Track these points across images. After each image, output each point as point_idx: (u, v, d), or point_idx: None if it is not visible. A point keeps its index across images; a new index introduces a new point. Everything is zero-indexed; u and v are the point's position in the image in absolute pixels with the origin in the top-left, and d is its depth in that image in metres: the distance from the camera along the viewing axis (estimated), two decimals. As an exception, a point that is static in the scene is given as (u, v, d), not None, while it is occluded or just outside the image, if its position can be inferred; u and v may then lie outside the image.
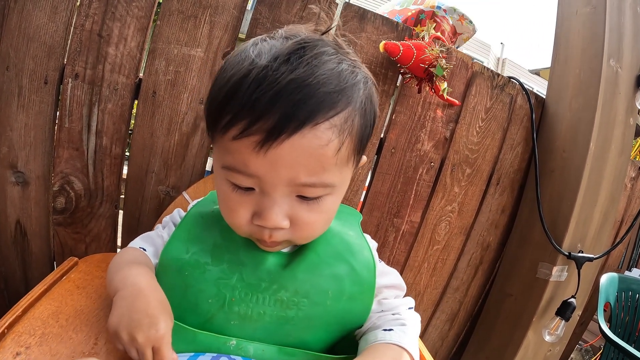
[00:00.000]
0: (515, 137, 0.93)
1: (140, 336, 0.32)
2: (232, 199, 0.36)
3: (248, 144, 0.31)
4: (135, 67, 0.70)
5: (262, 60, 0.32)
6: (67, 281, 0.49)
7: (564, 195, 0.90)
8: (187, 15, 0.68)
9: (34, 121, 0.71)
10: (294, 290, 0.40)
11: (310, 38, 0.34)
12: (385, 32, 0.73)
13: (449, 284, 0.98)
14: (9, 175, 0.73)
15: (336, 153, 0.33)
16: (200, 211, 0.45)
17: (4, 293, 0.86)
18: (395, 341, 0.38)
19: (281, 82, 0.30)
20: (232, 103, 0.32)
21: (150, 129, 0.71)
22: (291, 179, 0.33)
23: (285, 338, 0.41)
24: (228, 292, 0.39)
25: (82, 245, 0.79)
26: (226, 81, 0.33)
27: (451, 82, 0.80)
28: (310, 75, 0.31)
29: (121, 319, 0.34)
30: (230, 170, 0.34)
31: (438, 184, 0.87)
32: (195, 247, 0.42)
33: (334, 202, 0.37)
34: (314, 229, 0.38)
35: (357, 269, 0.42)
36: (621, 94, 0.91)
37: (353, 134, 0.34)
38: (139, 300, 0.35)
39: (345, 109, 0.33)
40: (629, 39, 0.93)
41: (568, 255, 0.90)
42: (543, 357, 1.02)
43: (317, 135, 0.31)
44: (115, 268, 0.41)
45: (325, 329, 0.42)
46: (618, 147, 0.94)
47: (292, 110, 0.30)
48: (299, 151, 0.31)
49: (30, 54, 0.68)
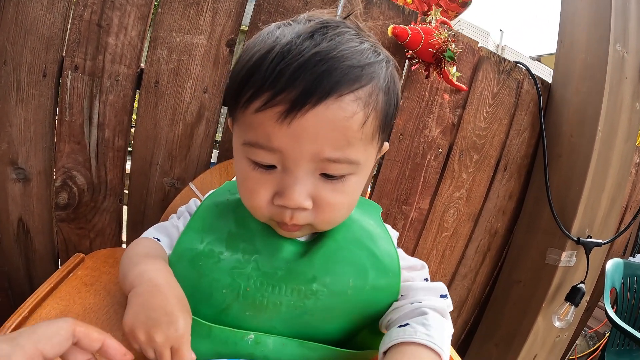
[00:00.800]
0: (522, 123, 0.94)
1: (158, 336, 0.32)
2: (252, 178, 0.35)
3: (272, 115, 0.31)
4: (137, 56, 0.69)
5: (285, 38, 0.32)
6: (74, 278, 0.49)
7: (572, 180, 0.92)
8: (189, 3, 0.68)
9: (33, 116, 0.70)
10: (312, 278, 0.39)
11: (333, 19, 0.35)
12: (391, 17, 0.73)
13: (457, 271, 0.99)
14: (9, 172, 0.73)
15: (361, 127, 0.33)
16: (215, 201, 0.45)
17: (7, 292, 0.86)
18: (409, 338, 0.35)
19: (305, 55, 0.31)
20: (255, 77, 0.32)
21: (153, 119, 0.71)
22: (315, 153, 0.32)
23: (304, 329, 0.40)
24: (243, 282, 0.39)
25: (87, 241, 0.80)
26: (249, 58, 0.33)
27: (458, 67, 0.80)
28: (334, 50, 0.31)
29: (137, 317, 0.33)
30: (252, 146, 0.34)
31: (446, 171, 0.88)
32: (210, 236, 0.41)
33: (358, 183, 0.37)
34: (337, 212, 0.37)
35: (380, 256, 0.42)
36: (627, 79, 0.92)
37: (378, 110, 0.34)
38: (157, 297, 0.34)
39: (370, 84, 0.33)
40: (635, 23, 0.93)
41: (577, 240, 0.91)
42: (552, 343, 1.04)
43: (342, 106, 0.31)
44: (130, 262, 0.40)
45: (346, 319, 0.41)
46: (624, 133, 0.95)
47: (316, 81, 0.30)
48: (323, 123, 0.31)
49: (28, 46, 0.67)
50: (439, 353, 0.34)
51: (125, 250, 0.44)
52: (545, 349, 1.03)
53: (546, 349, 1.03)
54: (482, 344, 1.06)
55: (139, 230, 0.78)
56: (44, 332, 0.27)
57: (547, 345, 1.03)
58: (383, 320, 0.41)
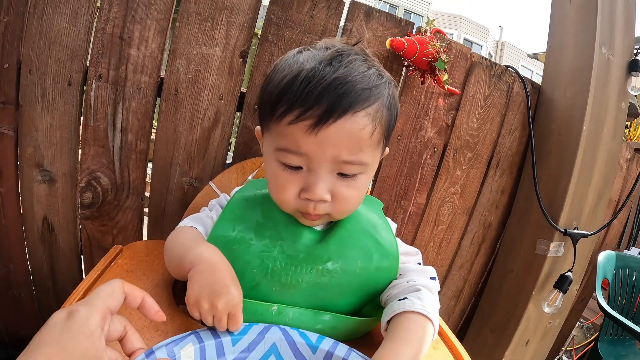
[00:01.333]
0: (512, 122, 1.01)
1: (220, 304, 0.40)
2: (282, 177, 0.44)
3: (302, 127, 0.40)
4: (157, 67, 0.76)
5: (309, 64, 0.41)
6: (115, 266, 0.56)
7: (560, 176, 0.99)
8: (204, 17, 0.75)
9: (59, 121, 0.77)
10: (328, 260, 0.48)
11: (345, 47, 0.44)
12: (389, 28, 0.81)
13: (454, 261, 1.07)
14: (35, 174, 0.80)
15: (370, 136, 0.42)
16: (244, 195, 0.53)
17: (31, 287, 0.93)
18: (408, 308, 0.45)
19: (327, 79, 0.40)
20: (287, 95, 0.41)
21: (173, 124, 0.79)
22: (335, 156, 0.42)
23: (320, 302, 0.49)
24: (270, 263, 0.47)
25: (109, 237, 0.87)
26: (280, 80, 0.42)
27: (451, 72, 0.88)
28: (349, 75, 0.41)
29: (202, 290, 0.41)
30: (283, 151, 0.43)
31: (441, 168, 0.96)
32: (240, 225, 0.49)
33: (366, 181, 0.46)
34: (350, 204, 0.46)
35: (382, 243, 0.51)
36: (613, 80, 0.99)
37: (382, 123, 0.44)
38: (216, 274, 0.42)
39: (376, 102, 0.42)
40: (621, 26, 1.01)
41: (564, 232, 0.99)
42: (544, 330, 1.12)
43: (356, 120, 0.41)
44: (183, 246, 0.47)
45: (354, 294, 0.50)
46: (610, 131, 1.02)
47: (337, 100, 0.40)
48: (342, 133, 0.40)
49: (53, 57, 0.73)
50: (431, 319, 0.44)
51: (170, 237, 0.51)
52: (538, 335, 1.11)
53: (538, 335, 1.11)
54: (479, 330, 1.14)
55: (159, 226, 0.86)
56: (106, 292, 0.34)
57: (539, 331, 1.11)
58: (383, 295, 0.51)
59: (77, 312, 0.31)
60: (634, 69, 1.00)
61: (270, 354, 0.44)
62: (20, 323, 0.98)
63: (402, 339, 0.42)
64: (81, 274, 0.92)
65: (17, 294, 0.93)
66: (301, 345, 0.45)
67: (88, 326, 0.31)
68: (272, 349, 0.44)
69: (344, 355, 0.44)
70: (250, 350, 0.43)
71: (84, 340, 0.30)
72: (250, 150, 0.82)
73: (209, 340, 0.41)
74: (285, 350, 0.44)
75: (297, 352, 0.44)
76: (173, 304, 0.50)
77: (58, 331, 0.30)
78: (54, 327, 0.30)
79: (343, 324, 0.48)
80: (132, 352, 0.36)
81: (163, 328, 0.45)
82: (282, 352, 0.44)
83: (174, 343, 0.40)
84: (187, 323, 0.47)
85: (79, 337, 0.30)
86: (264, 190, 0.53)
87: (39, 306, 0.95)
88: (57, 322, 0.31)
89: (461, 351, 0.52)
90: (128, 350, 0.36)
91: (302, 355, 0.44)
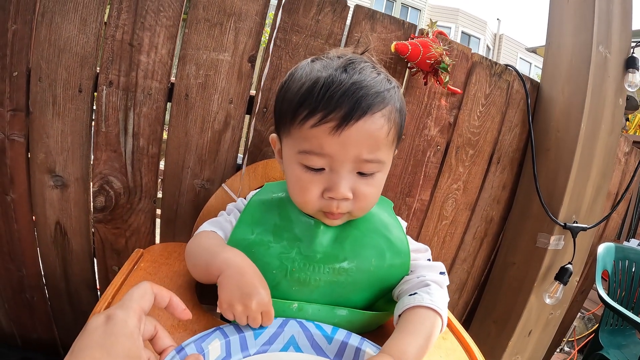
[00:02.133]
0: (513, 120, 1.06)
1: (253, 305, 0.43)
2: (305, 179, 0.47)
3: (325, 129, 0.44)
4: (167, 72, 0.79)
5: (325, 72, 0.45)
6: (138, 270, 0.59)
7: (559, 172, 1.03)
8: (213, 23, 0.78)
9: (70, 127, 0.80)
10: (344, 259, 0.52)
11: (355, 56, 0.48)
12: (393, 30, 0.84)
13: (457, 255, 1.12)
14: (47, 179, 0.82)
15: (387, 136, 0.47)
16: (261, 199, 0.56)
17: (43, 290, 0.97)
18: (418, 303, 0.48)
19: (345, 85, 0.44)
20: (308, 101, 0.45)
21: (184, 128, 0.82)
22: (356, 155, 0.45)
23: (337, 298, 0.52)
24: (289, 264, 0.51)
25: (122, 240, 0.90)
26: (299, 88, 0.46)
27: (453, 73, 0.92)
28: (364, 80, 0.45)
29: (233, 294, 0.44)
30: (306, 153, 0.46)
31: (444, 165, 1.00)
32: (259, 228, 0.53)
33: (382, 179, 0.50)
34: (369, 201, 0.50)
35: (394, 242, 0.54)
36: (610, 77, 1.03)
37: (396, 123, 0.48)
38: (245, 277, 0.45)
39: (389, 104, 0.47)
40: (617, 24, 1.04)
41: (564, 225, 1.03)
42: (545, 320, 1.17)
43: (374, 121, 0.45)
44: (208, 251, 0.50)
45: (368, 290, 0.54)
46: (608, 127, 1.06)
47: (357, 103, 0.44)
48: (362, 132, 0.44)
49: (63, 64, 0.76)
50: (440, 313, 0.48)
51: (193, 242, 0.54)
52: (540, 326, 1.17)
53: (540, 325, 1.17)
54: (482, 322, 1.19)
55: (172, 228, 0.90)
56: (138, 294, 0.36)
57: (541, 322, 1.16)
58: (395, 290, 0.55)
59: (116, 315, 0.33)
60: (630, 65, 1.04)
61: (289, 345, 0.48)
62: (33, 326, 1.01)
63: (410, 331, 0.46)
64: (94, 277, 0.95)
65: (30, 297, 0.97)
66: (317, 337, 0.49)
67: (127, 327, 0.33)
68: (290, 340, 0.48)
69: (357, 344, 0.48)
70: (271, 343, 0.47)
71: (126, 342, 0.32)
72: (260, 152, 0.85)
73: (233, 335, 0.45)
74: (303, 342, 0.48)
75: (314, 342, 0.48)
76: (197, 303, 0.54)
77: (100, 335, 0.32)
78: (95, 331, 0.32)
79: (358, 318, 0.52)
80: (162, 350, 0.38)
81: (190, 327, 0.48)
82: (300, 343, 0.48)
83: (202, 339, 0.43)
84: (212, 320, 0.51)
85: (120, 338, 0.32)
86: (280, 194, 0.56)
87: (52, 309, 0.99)
88: (97, 326, 0.33)
89: (469, 341, 0.56)
90: (159, 349, 0.38)
91: (319, 345, 0.48)
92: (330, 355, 0.48)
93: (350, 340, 0.48)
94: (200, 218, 0.77)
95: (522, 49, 12.74)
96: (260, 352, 0.46)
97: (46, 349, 1.05)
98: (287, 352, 0.48)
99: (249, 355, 0.45)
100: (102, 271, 0.94)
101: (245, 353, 0.45)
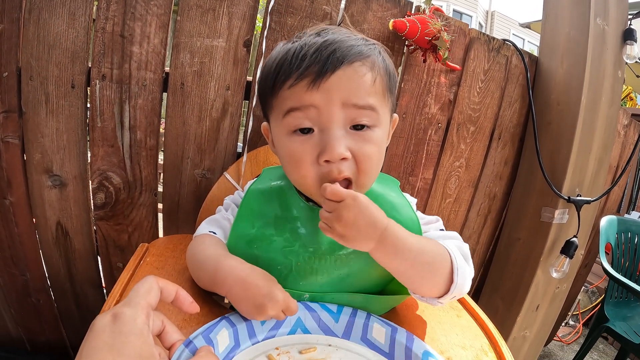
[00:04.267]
0: (512, 95, 1.06)
1: (270, 311, 0.43)
2: (296, 147, 0.45)
3: (303, 85, 0.43)
4: (161, 62, 0.78)
5: (298, 42, 0.45)
6: (145, 265, 0.58)
7: (561, 145, 1.04)
8: (205, 9, 0.77)
9: (65, 125, 0.78)
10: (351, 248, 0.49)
11: (331, 26, 0.48)
12: (389, 8, 0.84)
13: (462, 233, 1.13)
14: (44, 180, 0.82)
15: (373, 84, 0.45)
16: (259, 188, 0.54)
17: (49, 291, 0.97)
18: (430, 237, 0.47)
19: (317, 43, 0.44)
20: (283, 67, 0.45)
21: (181, 118, 0.81)
22: (344, 100, 0.43)
23: (348, 287, 0.51)
24: (293, 258, 0.49)
25: (125, 235, 0.90)
26: (273, 60, 0.47)
27: (451, 49, 0.92)
28: (337, 39, 0.44)
29: (249, 310, 0.44)
30: (290, 112, 0.44)
31: (446, 143, 1.01)
32: (260, 221, 0.51)
33: (381, 137, 0.47)
34: (373, 162, 0.46)
35: (403, 222, 0.51)
36: (609, 49, 1.03)
37: (382, 74, 0.46)
38: (250, 290, 0.44)
39: (370, 57, 0.45)
40: None
41: (568, 199, 1.05)
42: (552, 294, 1.20)
43: (354, 68, 0.44)
44: (205, 265, 0.48)
45: (380, 275, 0.52)
46: (608, 99, 1.07)
47: (330, 56, 0.43)
48: (343, 79, 0.43)
49: (53, 61, 0.74)
50: (451, 255, 0.46)
51: (191, 250, 0.52)
52: (547, 300, 1.19)
53: (547, 300, 1.19)
54: (490, 298, 1.21)
55: (175, 220, 0.90)
56: (144, 289, 0.35)
57: (548, 296, 1.18)
58: None
59: (123, 313, 0.32)
60: (628, 37, 1.05)
61: (296, 328, 0.48)
62: (41, 329, 1.01)
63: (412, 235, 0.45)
64: (99, 274, 0.95)
65: (36, 300, 0.97)
66: (324, 316, 0.49)
67: (137, 325, 0.31)
68: (297, 323, 0.48)
69: (364, 320, 0.48)
70: (278, 328, 0.47)
71: (136, 340, 0.31)
72: (260, 138, 0.85)
73: (240, 323, 0.45)
74: (310, 323, 0.49)
75: (321, 322, 0.49)
76: (205, 295, 0.52)
77: (108, 335, 0.30)
78: (103, 332, 0.30)
79: (373, 302, 0.52)
80: (171, 344, 0.37)
81: (202, 320, 0.47)
82: (308, 325, 0.49)
83: (209, 330, 0.43)
84: (221, 311, 0.50)
85: (130, 337, 0.30)
86: (279, 182, 0.53)
87: (59, 310, 0.99)
88: (104, 326, 0.31)
89: (483, 317, 0.56)
90: (168, 344, 0.37)
91: (326, 325, 0.49)
92: (338, 333, 0.49)
93: (356, 317, 0.49)
94: (204, 208, 0.77)
95: (515, 25, 12.69)
96: (268, 337, 0.46)
97: (55, 351, 1.06)
98: (295, 335, 0.48)
99: (257, 342, 0.46)
100: (107, 268, 0.94)
101: (253, 340, 0.46)
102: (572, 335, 1.97)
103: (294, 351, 0.45)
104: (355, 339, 0.48)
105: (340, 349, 0.47)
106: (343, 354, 0.46)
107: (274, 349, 0.45)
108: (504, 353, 0.49)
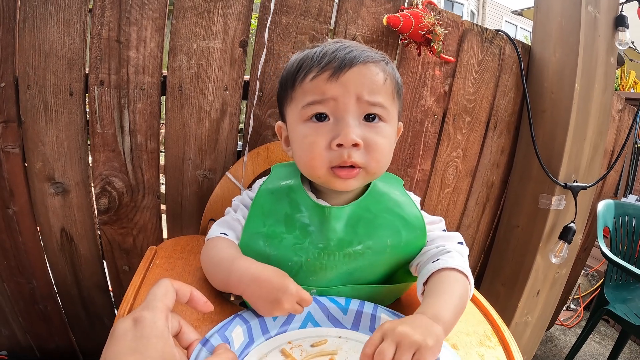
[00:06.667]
0: (507, 84, 1.08)
1: (286, 305, 0.45)
2: (310, 133, 0.50)
3: (324, 78, 0.49)
4: (159, 65, 0.79)
5: (317, 48, 0.51)
6: (155, 267, 0.59)
7: (556, 132, 1.06)
8: (200, 11, 0.78)
9: (65, 132, 0.79)
10: (358, 243, 0.52)
11: (344, 40, 0.54)
12: (382, 3, 0.85)
13: (461, 222, 1.15)
14: (47, 187, 0.82)
15: (384, 83, 0.51)
16: (269, 188, 0.56)
17: (56, 298, 0.98)
18: (442, 266, 0.48)
19: (336, 46, 0.51)
20: (305, 63, 0.51)
21: (181, 120, 0.82)
22: (358, 94, 0.49)
23: (355, 280, 0.54)
24: (304, 255, 0.51)
25: (130, 238, 0.91)
26: (294, 62, 0.53)
27: (445, 41, 0.93)
28: (353, 45, 0.51)
29: (265, 307, 0.46)
30: (310, 104, 0.50)
31: (443, 134, 1.02)
32: (270, 219, 0.53)
33: (390, 133, 0.52)
34: (383, 153, 0.51)
35: (408, 219, 0.55)
36: (601, 36, 1.04)
37: (392, 78, 0.52)
38: (264, 287, 0.46)
39: (381, 62, 0.52)
40: None
41: (564, 185, 1.06)
42: (552, 279, 1.22)
43: (369, 68, 0.50)
44: (219, 266, 0.50)
45: (387, 268, 0.55)
46: (601, 85, 1.08)
47: (349, 55, 0.49)
48: (359, 76, 0.49)
49: (50, 69, 0.75)
50: (467, 275, 0.49)
51: (205, 253, 0.54)
52: (547, 285, 1.22)
53: (547, 285, 1.22)
54: (491, 285, 1.24)
55: (178, 221, 0.91)
56: (161, 292, 0.36)
57: (548, 281, 1.21)
58: (414, 262, 0.55)
59: (143, 317, 0.33)
60: (620, 24, 1.06)
61: (307, 322, 0.50)
62: (50, 335, 1.03)
63: (442, 291, 0.46)
64: (105, 278, 0.97)
65: (44, 307, 0.98)
66: (333, 309, 0.51)
67: (158, 328, 0.33)
68: (307, 317, 0.50)
69: (372, 311, 0.50)
70: (289, 322, 0.49)
71: (158, 343, 0.32)
72: (260, 136, 0.86)
73: (253, 319, 0.47)
74: (319, 317, 0.50)
75: (330, 315, 0.51)
76: (218, 294, 0.54)
77: (130, 339, 0.31)
78: (125, 336, 0.31)
79: (378, 292, 0.54)
80: (188, 344, 0.38)
81: (216, 318, 0.48)
82: (317, 318, 0.50)
83: (224, 328, 0.44)
84: (234, 308, 0.52)
85: (152, 340, 0.31)
86: (289, 181, 0.56)
87: (67, 316, 1.00)
88: (126, 331, 0.32)
89: (486, 304, 0.58)
90: (185, 344, 0.38)
91: (335, 317, 0.51)
92: (347, 325, 0.50)
93: (364, 308, 0.51)
94: (208, 209, 0.79)
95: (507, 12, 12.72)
96: (280, 332, 0.48)
97: (65, 356, 1.07)
98: (306, 329, 0.49)
99: (270, 337, 0.47)
100: (113, 272, 0.95)
101: (267, 335, 0.47)
102: (573, 319, 2.00)
103: (305, 344, 0.47)
104: (364, 330, 0.50)
105: (350, 340, 0.49)
106: (353, 345, 0.48)
107: (286, 343, 0.47)
108: (507, 338, 0.51)
